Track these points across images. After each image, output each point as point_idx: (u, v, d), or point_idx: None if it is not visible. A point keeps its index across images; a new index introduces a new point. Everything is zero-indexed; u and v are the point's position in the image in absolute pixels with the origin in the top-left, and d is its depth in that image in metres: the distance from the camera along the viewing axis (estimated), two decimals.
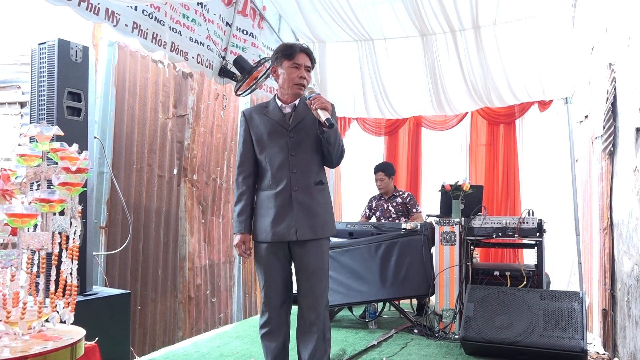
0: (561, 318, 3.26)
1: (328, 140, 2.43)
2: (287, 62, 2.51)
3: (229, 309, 4.83)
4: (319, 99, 2.38)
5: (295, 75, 2.50)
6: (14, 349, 1.38)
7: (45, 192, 1.55)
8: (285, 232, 2.45)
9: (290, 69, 2.50)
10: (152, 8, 3.37)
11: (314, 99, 2.39)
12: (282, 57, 2.52)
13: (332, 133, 2.43)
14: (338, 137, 2.50)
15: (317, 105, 2.36)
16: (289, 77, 2.50)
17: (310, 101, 2.40)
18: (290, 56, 2.50)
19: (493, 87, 5.08)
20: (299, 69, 2.50)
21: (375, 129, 6.25)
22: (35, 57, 2.68)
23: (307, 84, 2.53)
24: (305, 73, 2.52)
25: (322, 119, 2.34)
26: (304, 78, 2.51)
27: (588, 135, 4.55)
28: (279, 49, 2.57)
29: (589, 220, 4.55)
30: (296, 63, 2.50)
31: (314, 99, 2.39)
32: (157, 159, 3.99)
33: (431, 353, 3.51)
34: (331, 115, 2.42)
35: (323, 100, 2.38)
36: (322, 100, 2.38)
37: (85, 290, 2.74)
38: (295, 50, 2.51)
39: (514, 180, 5.65)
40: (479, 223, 3.97)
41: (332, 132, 2.42)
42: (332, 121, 2.37)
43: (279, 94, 2.60)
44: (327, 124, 2.34)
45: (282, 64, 2.52)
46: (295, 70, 2.50)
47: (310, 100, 2.40)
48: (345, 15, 4.84)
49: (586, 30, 4.41)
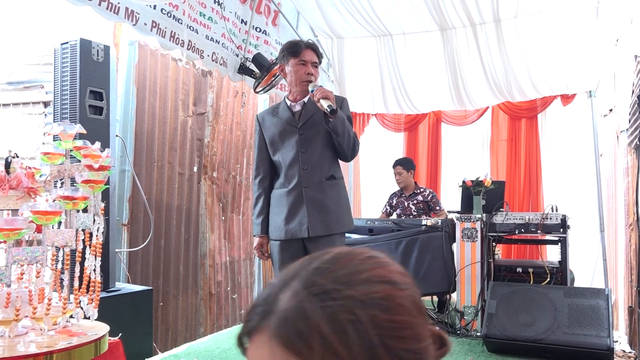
0: (586, 315, 3.19)
1: (335, 130, 2.41)
2: (293, 59, 2.50)
3: (249, 306, 4.84)
4: (320, 89, 2.37)
5: (302, 72, 2.48)
6: (40, 344, 1.40)
7: (68, 189, 1.57)
8: (297, 229, 2.46)
9: (297, 66, 2.49)
10: (170, 7, 3.39)
11: (316, 90, 2.38)
12: (288, 55, 2.51)
13: (339, 123, 2.39)
14: (347, 127, 2.46)
15: (319, 96, 2.35)
16: (296, 75, 2.49)
17: (313, 94, 2.39)
18: (296, 53, 2.49)
19: (514, 81, 5.00)
20: (306, 66, 2.49)
21: (394, 124, 6.20)
22: (57, 57, 2.71)
23: (315, 80, 2.51)
24: (313, 69, 2.51)
25: (324, 107, 2.33)
26: (311, 74, 2.50)
27: (613, 129, 4.45)
28: (285, 47, 2.56)
29: (614, 216, 4.46)
30: (302, 60, 2.49)
31: (316, 90, 2.38)
32: (178, 156, 4.01)
33: (453, 350, 3.47)
34: (340, 108, 2.41)
35: (324, 90, 2.38)
36: (323, 90, 2.37)
37: (108, 286, 2.78)
38: (301, 47, 2.50)
39: (536, 175, 5.56)
40: (501, 219, 3.92)
41: (339, 122, 2.39)
42: (335, 108, 2.33)
43: (288, 93, 2.61)
44: (329, 110, 2.30)
45: (288, 62, 2.52)
46: (302, 67, 2.49)
47: (313, 92, 2.39)
48: (363, 11, 4.81)
49: (611, 21, 4.31)
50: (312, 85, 2.45)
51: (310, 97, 2.43)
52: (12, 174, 1.60)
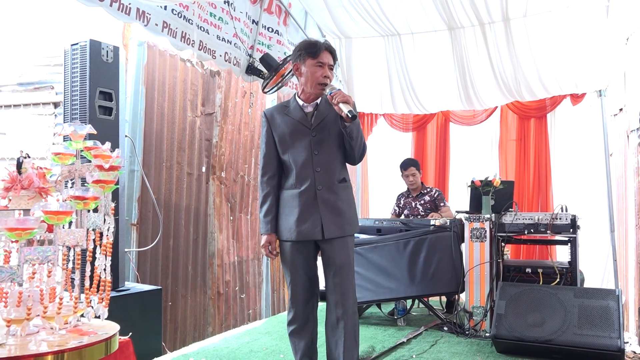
0: (597, 316, 3.17)
1: (350, 134, 2.40)
2: (310, 60, 2.46)
3: (257, 305, 4.86)
4: (340, 93, 2.36)
5: (319, 74, 2.45)
6: (52, 343, 1.41)
7: (79, 189, 1.58)
8: (311, 230, 2.44)
9: (314, 68, 2.45)
10: (181, 7, 3.41)
11: (335, 94, 2.36)
12: (305, 55, 2.47)
13: (355, 127, 2.40)
14: (360, 131, 2.47)
15: (338, 99, 2.34)
16: (312, 76, 2.46)
17: (331, 96, 2.37)
18: (314, 54, 2.45)
19: (523, 80, 4.97)
20: (323, 68, 2.46)
21: (402, 124, 6.19)
22: (67, 58, 2.74)
23: (330, 83, 2.49)
24: (329, 72, 2.48)
25: (344, 112, 2.32)
26: (328, 77, 2.47)
27: (623, 128, 4.42)
28: (303, 46, 2.51)
29: (624, 216, 4.43)
30: (320, 62, 2.45)
31: (335, 94, 2.36)
32: (186, 156, 4.03)
33: (462, 351, 3.47)
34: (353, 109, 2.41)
35: (344, 94, 2.37)
36: (343, 94, 2.36)
37: (117, 286, 2.79)
38: (320, 49, 2.46)
39: (546, 175, 5.52)
40: (510, 219, 3.90)
41: (355, 126, 2.40)
42: (355, 113, 2.34)
43: (299, 92, 2.57)
44: (350, 115, 2.30)
45: (305, 62, 2.48)
46: (319, 69, 2.45)
47: (332, 95, 2.37)
48: (371, 10, 4.80)
49: (621, 20, 4.27)
50: (329, 88, 2.43)
51: (328, 100, 2.41)
52: (24, 174, 1.61)
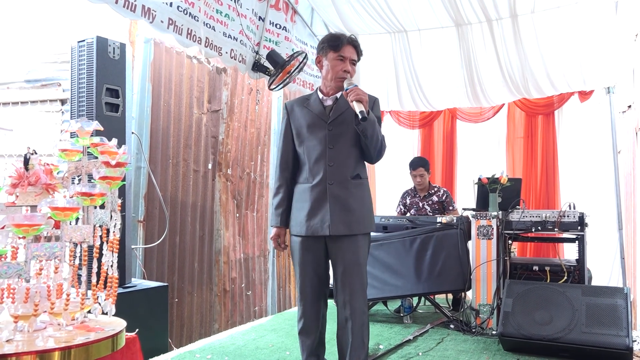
0: (605, 314, 3.14)
1: (364, 133, 2.37)
2: (332, 53, 2.44)
3: (263, 302, 4.86)
4: (355, 91, 2.32)
5: (339, 68, 2.44)
6: (59, 339, 1.41)
7: (86, 185, 1.58)
8: (319, 226, 2.41)
9: (335, 61, 2.44)
10: (186, 4, 3.41)
11: (351, 91, 2.34)
12: (327, 48, 2.46)
13: (369, 126, 2.35)
14: (376, 131, 2.41)
15: (352, 97, 2.31)
16: (332, 70, 2.44)
17: (346, 92, 2.36)
18: (336, 48, 2.43)
19: (531, 77, 4.94)
20: (344, 62, 2.44)
21: (409, 121, 6.17)
22: (74, 55, 2.74)
23: (351, 77, 2.46)
24: (350, 66, 2.46)
25: (356, 111, 2.30)
26: (348, 72, 2.44)
27: (632, 125, 4.38)
28: (326, 39, 2.50)
29: (633, 214, 4.39)
30: (342, 55, 2.43)
31: (351, 91, 2.34)
32: (193, 153, 4.03)
33: (468, 349, 3.45)
34: (371, 109, 2.37)
35: (359, 92, 2.33)
36: (358, 92, 2.32)
37: (124, 282, 2.80)
38: (342, 42, 2.44)
39: (553, 173, 5.49)
40: (517, 217, 3.88)
41: (369, 125, 2.35)
42: (366, 114, 2.30)
43: (321, 86, 2.55)
44: (360, 116, 2.28)
45: (327, 55, 2.47)
46: (340, 63, 2.44)
47: (347, 92, 2.35)
48: (378, 7, 4.78)
49: (630, 16, 4.24)
50: (347, 83, 2.40)
51: (344, 95, 2.40)
52: (31, 170, 1.61)
